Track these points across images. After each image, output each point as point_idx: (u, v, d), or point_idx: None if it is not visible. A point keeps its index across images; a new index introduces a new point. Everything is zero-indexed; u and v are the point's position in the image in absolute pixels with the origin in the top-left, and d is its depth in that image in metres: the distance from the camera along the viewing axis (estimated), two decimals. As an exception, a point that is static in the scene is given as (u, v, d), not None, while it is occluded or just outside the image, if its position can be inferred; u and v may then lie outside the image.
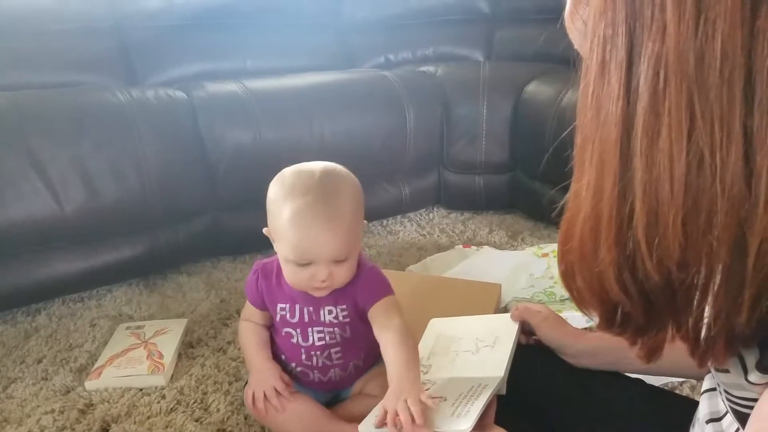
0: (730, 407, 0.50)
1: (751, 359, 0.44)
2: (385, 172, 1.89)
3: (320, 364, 0.98)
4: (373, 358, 1.01)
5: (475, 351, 0.85)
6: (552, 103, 1.75)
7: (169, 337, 1.29)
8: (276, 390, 0.96)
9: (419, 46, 2.30)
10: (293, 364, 1.00)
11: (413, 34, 2.32)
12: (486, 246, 1.72)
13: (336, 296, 0.94)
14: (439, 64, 2.10)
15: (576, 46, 0.46)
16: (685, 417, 0.64)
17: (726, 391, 0.50)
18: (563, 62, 2.15)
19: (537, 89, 1.86)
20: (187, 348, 1.29)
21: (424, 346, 0.91)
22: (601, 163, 0.41)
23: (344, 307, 0.95)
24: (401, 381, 0.79)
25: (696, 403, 0.63)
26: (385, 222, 1.98)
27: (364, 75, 1.93)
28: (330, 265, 0.87)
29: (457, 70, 2.06)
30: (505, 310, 1.33)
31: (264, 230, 0.93)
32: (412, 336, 0.89)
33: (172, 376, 1.20)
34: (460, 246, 1.71)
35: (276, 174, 0.93)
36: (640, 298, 0.43)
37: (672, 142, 0.37)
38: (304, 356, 0.98)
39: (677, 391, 1.10)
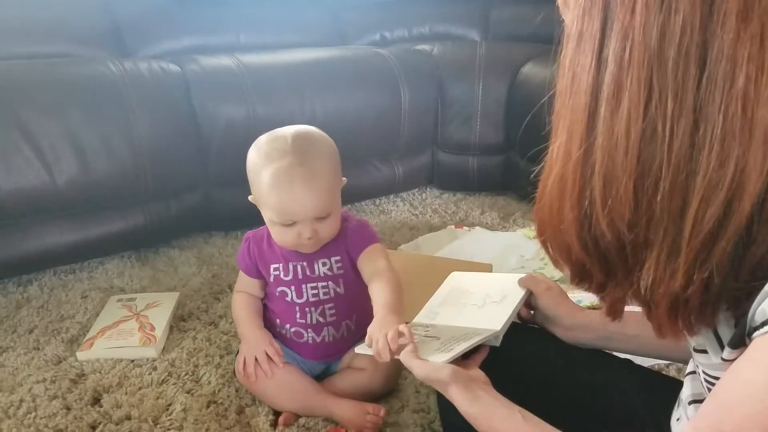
0: (707, 388, 0.51)
1: (725, 335, 0.46)
2: (379, 151, 1.89)
3: (314, 322, 1.01)
4: (363, 326, 1.01)
5: (482, 305, 0.88)
6: (546, 85, 1.74)
7: (160, 310, 1.30)
8: (267, 355, 0.99)
9: (415, 24, 2.29)
10: (287, 326, 1.03)
11: (409, 11, 2.31)
12: (478, 227, 1.73)
13: (328, 249, 0.98)
14: (434, 43, 2.09)
15: (563, 18, 0.48)
16: (671, 396, 0.66)
17: (705, 372, 0.51)
18: (559, 44, 2.15)
19: (532, 71, 1.86)
20: (179, 321, 1.30)
21: (438, 295, 0.97)
22: (570, 128, 0.45)
23: (338, 258, 0.99)
24: (384, 315, 0.85)
25: (681, 383, 0.65)
26: (377, 201, 1.99)
27: (358, 52, 1.92)
28: (313, 222, 0.92)
29: (453, 50, 2.05)
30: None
31: (249, 198, 0.97)
32: (396, 277, 0.95)
33: (164, 348, 1.21)
34: (452, 226, 1.72)
35: None
36: (597, 254, 0.46)
37: (630, 111, 0.40)
38: (298, 314, 1.01)
39: (663, 373, 1.12)
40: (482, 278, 1.00)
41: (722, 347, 0.47)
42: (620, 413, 0.77)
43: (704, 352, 0.50)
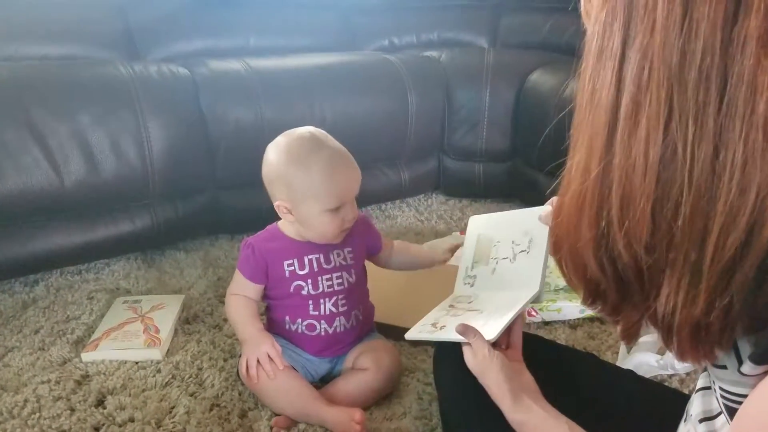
0: (725, 404, 0.50)
1: (745, 350, 0.45)
2: (385, 157, 1.89)
3: (327, 313, 1.04)
4: (368, 319, 1.14)
5: (513, 258, 0.89)
6: (554, 93, 1.75)
7: (165, 313, 1.30)
8: (268, 356, 1.00)
9: (424, 30, 2.29)
10: (299, 320, 1.05)
11: (418, 17, 2.31)
12: (483, 233, 1.72)
13: (341, 241, 1.05)
14: (443, 50, 2.09)
15: (587, 27, 0.47)
16: (674, 409, 0.65)
17: (722, 388, 0.50)
18: (568, 52, 2.15)
19: (540, 79, 1.85)
20: (184, 324, 1.30)
21: (468, 248, 0.98)
22: (590, 144, 0.44)
23: (350, 249, 1.07)
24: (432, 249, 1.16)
25: (685, 396, 0.64)
26: (383, 206, 1.99)
27: (367, 57, 1.92)
28: (352, 204, 0.99)
29: (461, 56, 2.05)
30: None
31: (276, 204, 1.00)
32: None
33: (168, 350, 1.21)
34: (457, 233, 1.72)
35: None
36: (613, 276, 0.45)
37: (649, 132, 0.39)
38: (311, 306, 1.05)
39: (666, 384, 1.11)
40: (501, 220, 0.99)
41: (740, 361, 0.46)
42: (623, 424, 0.75)
43: (723, 367, 0.49)
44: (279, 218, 1.07)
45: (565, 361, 0.86)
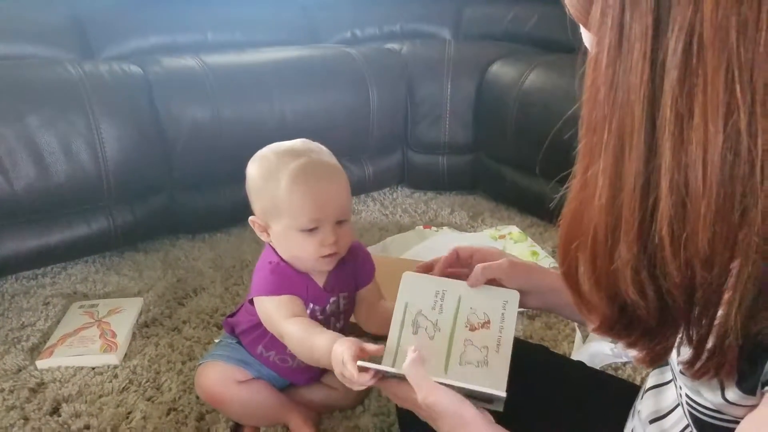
0: (690, 412, 0.49)
1: (730, 378, 0.42)
2: (348, 152, 1.88)
3: None
4: None
5: (483, 363, 0.73)
6: (514, 85, 1.76)
7: (123, 316, 1.29)
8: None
9: (386, 22, 2.28)
10: (273, 352, 0.97)
11: (380, 9, 2.30)
12: (446, 227, 1.74)
13: (338, 284, 0.91)
14: (404, 42, 2.09)
15: (573, 12, 0.40)
16: (625, 402, 0.65)
17: (688, 396, 0.48)
18: (529, 42, 2.17)
19: (501, 70, 1.86)
20: (142, 327, 1.29)
21: (395, 329, 0.74)
22: (620, 147, 0.36)
23: (345, 294, 0.93)
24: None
25: (635, 387, 0.64)
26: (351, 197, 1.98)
27: (327, 52, 1.91)
28: (335, 227, 0.84)
29: (422, 49, 2.05)
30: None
31: (251, 219, 0.89)
32: None
33: (126, 355, 1.20)
34: (421, 227, 1.73)
35: (235, 153, 0.89)
36: (655, 299, 0.39)
37: (707, 125, 0.33)
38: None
39: (620, 372, 1.14)
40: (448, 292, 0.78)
41: (721, 385, 0.43)
42: (573, 417, 0.76)
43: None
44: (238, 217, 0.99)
45: (516, 354, 0.86)
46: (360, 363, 0.67)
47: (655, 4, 0.33)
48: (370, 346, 0.69)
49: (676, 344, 0.43)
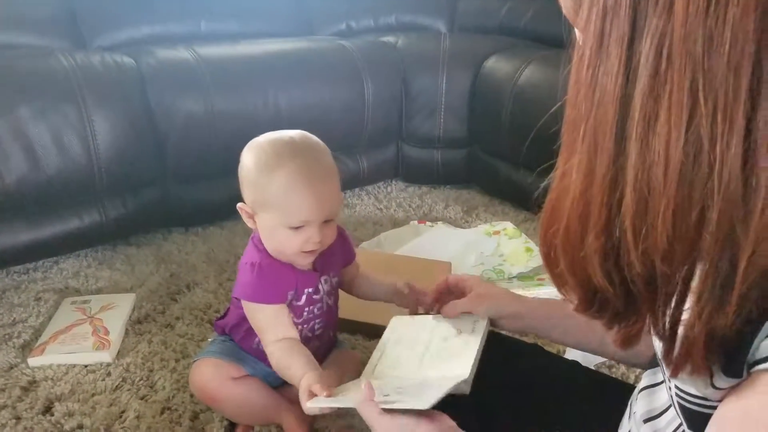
0: (678, 403, 0.49)
1: (716, 364, 0.43)
2: (343, 145, 1.87)
3: (303, 339, 0.95)
4: (335, 331, 1.08)
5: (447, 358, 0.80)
6: (509, 79, 1.75)
7: (115, 313, 1.28)
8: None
9: (381, 14, 2.26)
10: None
11: (375, 1, 2.28)
12: (440, 222, 1.73)
13: (325, 266, 0.96)
14: (399, 35, 2.07)
15: (564, 11, 0.42)
16: (619, 401, 0.65)
17: (677, 387, 0.49)
18: (525, 36, 2.16)
19: (496, 65, 1.85)
20: (135, 324, 1.28)
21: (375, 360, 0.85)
22: (594, 144, 0.39)
23: (334, 272, 0.99)
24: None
25: (630, 387, 0.64)
26: (342, 195, 1.97)
27: (322, 44, 1.89)
28: (321, 226, 0.87)
29: (417, 42, 2.03)
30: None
31: (239, 206, 0.91)
32: None
33: (119, 352, 1.19)
34: (415, 222, 1.72)
35: (228, 146, 0.91)
36: (621, 286, 0.41)
37: (670, 128, 0.35)
38: None
39: (614, 370, 1.14)
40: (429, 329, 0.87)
41: (710, 375, 0.43)
42: (567, 416, 0.75)
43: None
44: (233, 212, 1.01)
45: (509, 353, 0.86)
46: (309, 405, 0.75)
47: (632, 12, 0.35)
48: (323, 391, 0.76)
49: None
